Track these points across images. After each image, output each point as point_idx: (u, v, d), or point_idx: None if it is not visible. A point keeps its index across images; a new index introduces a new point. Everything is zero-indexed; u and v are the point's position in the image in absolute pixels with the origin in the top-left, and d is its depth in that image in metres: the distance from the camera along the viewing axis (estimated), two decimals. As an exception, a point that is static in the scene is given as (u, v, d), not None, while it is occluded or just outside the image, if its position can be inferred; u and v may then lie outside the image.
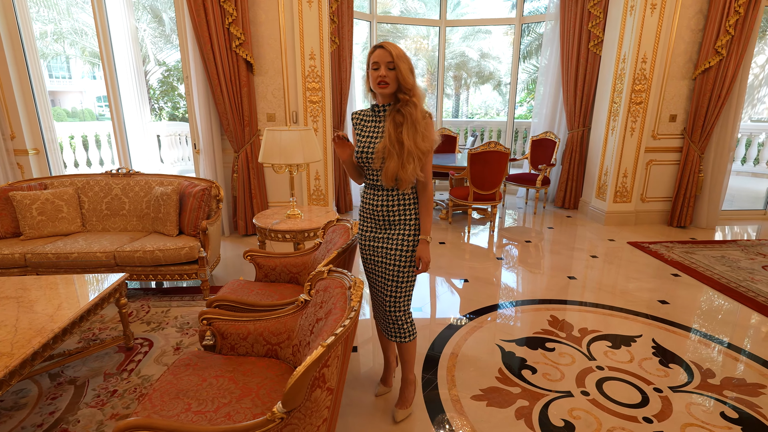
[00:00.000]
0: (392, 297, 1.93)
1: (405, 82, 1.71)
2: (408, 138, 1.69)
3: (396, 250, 1.87)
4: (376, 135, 1.82)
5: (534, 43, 11.82)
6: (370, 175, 1.87)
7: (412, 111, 1.71)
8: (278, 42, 4.42)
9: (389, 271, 1.90)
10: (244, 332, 1.82)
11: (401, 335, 1.98)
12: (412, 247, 1.87)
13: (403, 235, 1.86)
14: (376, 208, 1.88)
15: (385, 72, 1.70)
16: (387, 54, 1.69)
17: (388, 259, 1.89)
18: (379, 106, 1.83)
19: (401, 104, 1.74)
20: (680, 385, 2.29)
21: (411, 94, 1.72)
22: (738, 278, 3.64)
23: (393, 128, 1.73)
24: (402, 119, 1.72)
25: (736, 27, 4.42)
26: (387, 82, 1.71)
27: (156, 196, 3.37)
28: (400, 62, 1.69)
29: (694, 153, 4.90)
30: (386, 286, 1.93)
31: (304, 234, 3.08)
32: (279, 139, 2.98)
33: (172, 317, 2.96)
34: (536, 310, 3.13)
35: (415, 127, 1.71)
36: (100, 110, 20.19)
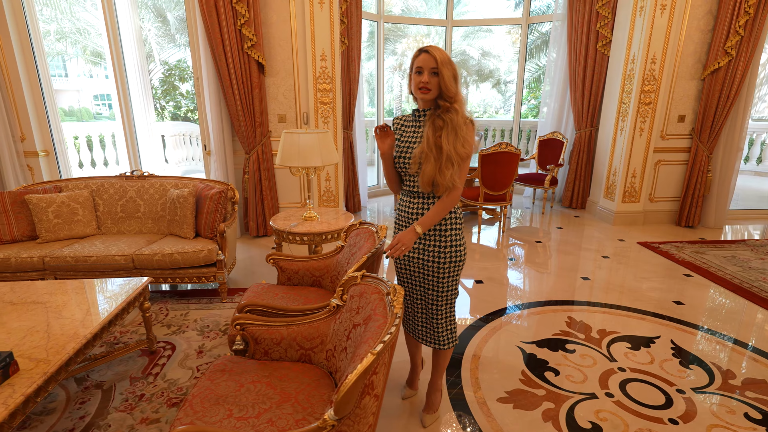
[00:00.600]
0: (434, 304, 1.91)
1: (447, 90, 1.68)
2: (447, 142, 1.66)
3: (433, 262, 1.84)
4: (415, 140, 1.80)
5: (536, 42, 11.83)
6: (408, 181, 1.85)
7: (453, 117, 1.68)
8: (289, 43, 4.42)
9: (428, 281, 1.88)
10: (277, 337, 1.83)
11: (440, 342, 1.96)
12: (449, 260, 1.84)
13: (438, 247, 1.83)
14: (412, 216, 1.86)
15: (427, 78, 1.68)
16: (431, 59, 1.66)
17: (425, 269, 1.87)
18: (420, 111, 1.82)
19: (442, 110, 1.71)
20: (702, 387, 2.32)
21: (452, 101, 1.69)
22: (750, 278, 3.67)
23: (432, 132, 1.70)
24: (442, 124, 1.69)
25: (746, 28, 4.44)
26: (429, 88, 1.69)
27: (172, 199, 3.37)
28: (444, 68, 1.66)
29: (702, 153, 4.93)
30: (426, 294, 1.91)
31: (322, 237, 3.09)
32: (297, 141, 2.98)
33: (191, 320, 2.96)
34: (553, 311, 3.15)
35: (456, 132, 1.68)
36: (97, 109, 20.10)
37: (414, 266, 1.90)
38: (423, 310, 1.97)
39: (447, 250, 1.83)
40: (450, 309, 1.95)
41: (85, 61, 13.17)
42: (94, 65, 15.17)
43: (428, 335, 1.99)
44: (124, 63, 4.56)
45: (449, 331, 1.97)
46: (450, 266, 1.85)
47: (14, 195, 3.29)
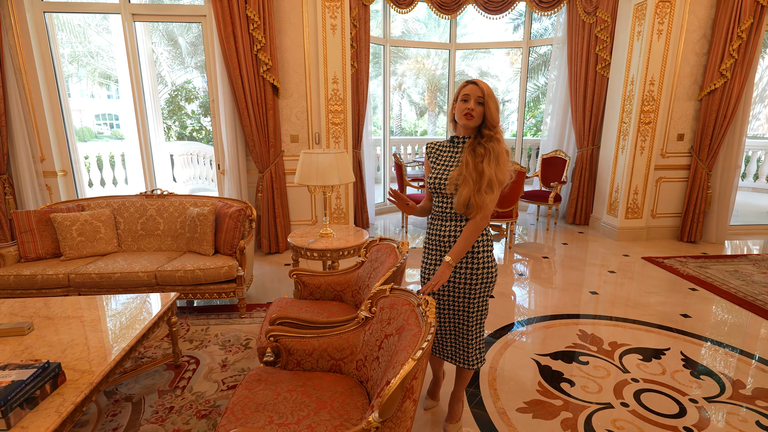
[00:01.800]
0: (465, 325, 1.97)
1: (491, 119, 1.81)
2: (489, 168, 1.77)
3: (465, 284, 1.90)
4: (452, 164, 1.90)
5: (535, 63, 12.17)
6: (440, 203, 1.93)
7: (496, 146, 1.80)
8: (303, 67, 4.60)
9: (460, 302, 1.94)
10: (309, 348, 1.91)
11: (469, 362, 2.02)
12: (481, 281, 1.90)
13: (471, 269, 1.89)
14: (443, 239, 1.93)
15: (473, 106, 1.80)
16: (478, 90, 1.80)
17: (457, 291, 1.92)
18: (459, 138, 1.93)
19: (485, 139, 1.82)
20: (714, 396, 2.39)
21: (495, 131, 1.82)
22: (754, 292, 3.77)
23: (471, 158, 1.81)
24: (484, 152, 1.80)
25: (739, 51, 4.65)
26: (473, 115, 1.81)
27: (192, 217, 3.48)
28: (490, 100, 1.79)
29: (701, 170, 5.08)
30: (457, 315, 1.97)
31: (339, 253, 3.19)
32: (316, 161, 3.11)
33: (212, 335, 3.03)
34: (564, 324, 3.23)
35: (498, 160, 1.79)
36: (98, 128, 20.35)
37: (445, 288, 1.95)
38: (452, 331, 2.02)
39: (479, 272, 1.90)
40: (480, 329, 2.01)
41: (92, 83, 13.47)
42: (100, 86, 15.48)
43: (458, 355, 2.04)
44: (142, 85, 4.73)
45: (478, 351, 2.03)
46: (482, 287, 1.91)
47: (39, 214, 3.40)
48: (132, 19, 4.43)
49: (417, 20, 15.79)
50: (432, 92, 17.96)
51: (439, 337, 2.07)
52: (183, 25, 10.86)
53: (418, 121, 19.31)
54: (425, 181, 2.03)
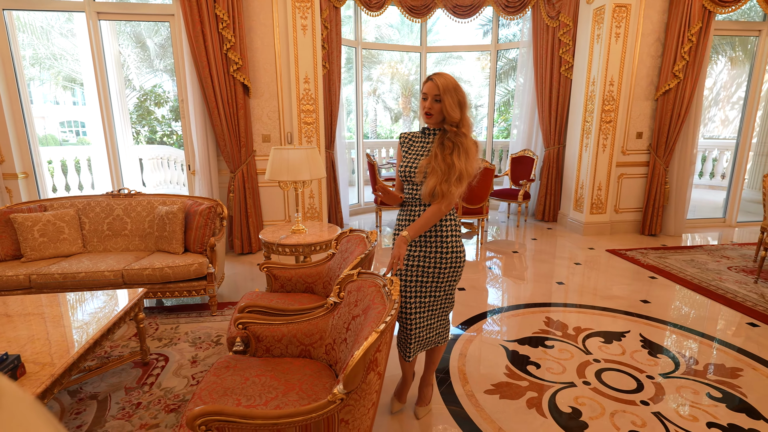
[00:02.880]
0: (440, 307, 2.02)
1: (449, 116, 1.80)
2: (460, 161, 1.79)
3: (434, 267, 1.93)
4: (422, 153, 1.93)
5: (504, 68, 12.50)
6: (410, 190, 1.96)
7: (463, 141, 1.82)
8: (274, 66, 4.61)
9: (426, 288, 1.96)
10: (278, 335, 1.92)
11: (439, 338, 2.08)
12: (449, 264, 1.93)
13: (440, 252, 1.92)
14: (413, 221, 1.95)
15: (430, 104, 1.82)
16: (434, 86, 1.80)
17: (425, 275, 1.95)
18: (430, 129, 1.96)
19: (451, 134, 1.83)
20: (669, 372, 2.52)
21: (459, 126, 1.82)
22: (708, 278, 3.99)
23: (440, 150, 1.82)
24: (452, 146, 1.81)
25: (690, 53, 4.93)
26: (431, 113, 1.83)
27: (160, 216, 3.43)
28: (446, 96, 1.78)
29: (659, 167, 5.35)
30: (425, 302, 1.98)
31: (311, 247, 3.21)
32: (286, 157, 3.13)
33: (182, 333, 2.99)
34: (532, 312, 3.34)
35: (468, 153, 1.81)
36: (63, 136, 19.62)
37: (414, 273, 1.96)
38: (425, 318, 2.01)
39: (448, 256, 1.93)
40: (445, 313, 2.08)
41: (56, 86, 13.02)
42: (65, 90, 14.97)
43: (430, 337, 2.05)
44: (108, 87, 4.63)
45: (445, 329, 2.10)
46: (450, 271, 1.95)
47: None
48: (97, 18, 4.36)
49: (390, 26, 16.00)
50: (406, 97, 18.18)
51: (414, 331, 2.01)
52: (151, 26, 10.66)
53: (394, 126, 19.49)
54: (396, 170, 2.05)
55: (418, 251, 1.96)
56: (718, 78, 12.98)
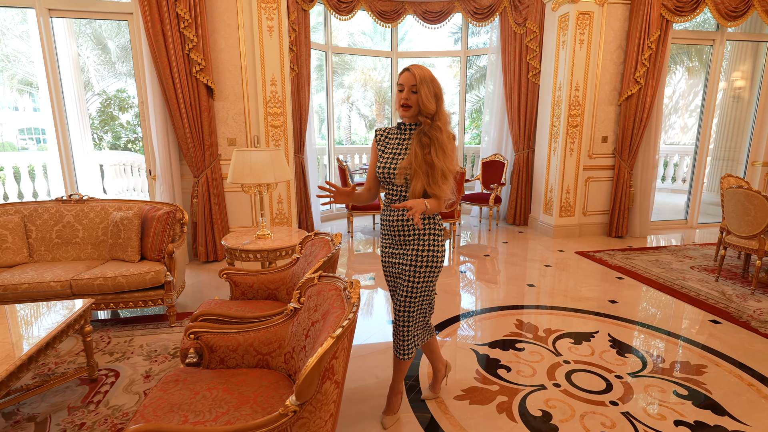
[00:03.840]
0: (405, 312, 1.92)
1: (425, 108, 1.75)
2: (438, 159, 1.74)
3: (410, 265, 1.87)
4: (400, 151, 1.86)
5: (476, 75, 12.70)
6: (391, 191, 1.89)
7: (438, 135, 1.76)
8: (239, 68, 4.48)
9: (403, 287, 1.90)
10: (233, 344, 1.80)
11: (401, 351, 1.96)
12: (425, 264, 1.86)
13: (417, 251, 1.87)
14: (393, 223, 1.90)
15: (407, 95, 1.76)
16: (411, 77, 1.75)
17: (403, 275, 1.90)
18: (406, 125, 1.89)
19: (426, 127, 1.78)
20: (637, 371, 2.52)
21: (435, 119, 1.77)
22: (672, 278, 4.07)
23: (420, 149, 1.76)
24: (428, 141, 1.77)
25: (650, 60, 5.09)
26: (409, 105, 1.77)
27: (115, 222, 3.24)
28: (423, 86, 1.73)
29: (624, 170, 5.48)
30: (400, 301, 1.92)
31: (276, 253, 3.09)
32: (249, 159, 3.01)
33: (137, 346, 2.80)
34: (502, 315, 3.31)
35: (444, 150, 1.76)
36: (23, 143, 18.68)
37: (394, 272, 1.95)
38: (402, 318, 1.93)
39: (425, 254, 1.87)
40: (419, 320, 1.97)
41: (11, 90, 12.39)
42: (21, 94, 14.27)
43: (396, 342, 1.98)
44: (62, 90, 4.39)
45: (411, 343, 1.97)
46: (426, 271, 1.88)
47: (-69, 222, 3.02)
48: (48, 15, 4.13)
49: (363, 33, 16.05)
50: (380, 104, 18.21)
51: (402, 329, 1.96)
52: (113, 27, 10.28)
53: (368, 134, 19.47)
54: (370, 168, 1.97)
55: (399, 249, 1.92)
56: (677, 87, 13.58)
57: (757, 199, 3.53)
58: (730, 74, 6.77)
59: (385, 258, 1.99)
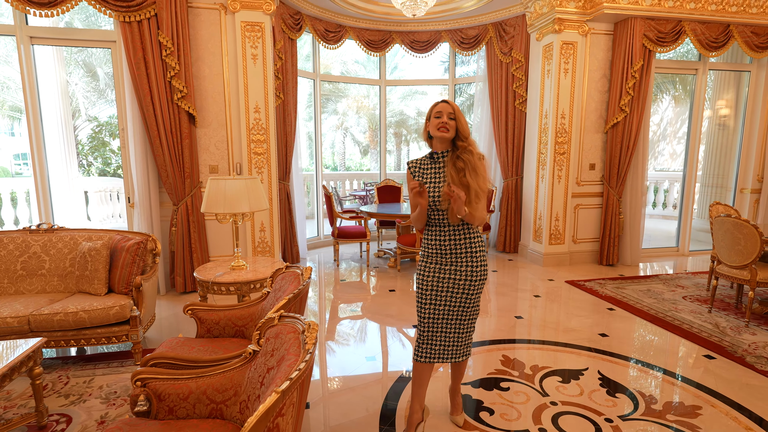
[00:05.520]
0: (468, 320, 2.11)
1: (464, 130, 2.00)
2: (473, 181, 1.94)
3: (466, 279, 2.04)
4: (438, 179, 2.04)
5: (466, 103, 12.84)
6: (436, 215, 2.05)
7: (470, 157, 1.97)
8: (222, 95, 4.45)
9: (459, 299, 2.06)
10: (184, 392, 1.65)
11: (466, 352, 2.18)
12: (479, 276, 2.05)
13: (471, 266, 2.04)
14: (444, 243, 2.05)
15: (446, 120, 1.99)
16: (449, 106, 2.02)
17: (457, 288, 2.05)
18: (438, 153, 2.07)
19: (460, 151, 2.00)
20: (628, 414, 2.37)
21: (468, 142, 2.00)
22: (664, 309, 3.95)
23: (455, 173, 1.97)
24: (463, 165, 1.97)
25: (634, 88, 5.13)
26: (448, 128, 1.99)
27: (83, 253, 3.10)
28: (460, 115, 2.01)
29: (613, 197, 5.43)
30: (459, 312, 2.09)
31: (249, 285, 2.95)
32: (223, 188, 2.91)
33: (96, 387, 2.62)
34: (488, 350, 3.16)
35: (476, 171, 1.95)
36: (17, 168, 18.59)
37: (445, 287, 2.06)
38: (456, 328, 2.11)
39: (478, 269, 2.05)
40: (474, 323, 2.18)
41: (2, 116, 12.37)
42: (13, 120, 14.26)
43: (460, 349, 2.15)
44: (40, 117, 4.30)
45: (470, 344, 2.22)
46: (479, 283, 2.07)
47: None
48: (30, 42, 4.10)
49: (356, 62, 16.32)
50: (373, 131, 18.35)
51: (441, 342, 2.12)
52: (103, 55, 10.38)
53: (363, 159, 19.56)
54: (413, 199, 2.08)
55: (449, 266, 2.05)
56: (664, 114, 13.81)
57: (746, 228, 3.46)
58: (715, 102, 6.84)
59: (433, 274, 2.08)
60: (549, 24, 5.10)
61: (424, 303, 2.10)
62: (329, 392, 2.67)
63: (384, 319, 3.83)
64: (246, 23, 4.34)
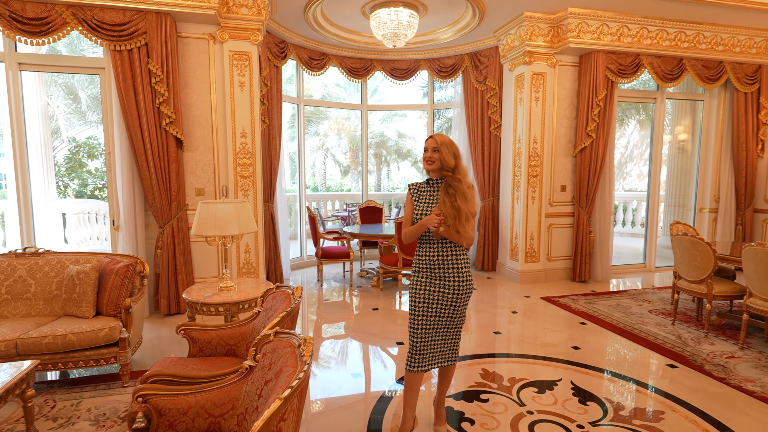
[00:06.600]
0: (459, 326, 2.36)
1: (445, 163, 2.25)
2: (463, 204, 2.20)
3: (454, 293, 2.27)
4: (432, 201, 2.33)
5: (444, 126, 13.28)
6: (427, 232, 2.31)
7: (458, 186, 2.24)
8: (209, 121, 4.58)
9: (453, 309, 2.29)
10: (184, 406, 1.74)
11: (456, 355, 2.42)
12: (466, 289, 2.30)
13: (458, 281, 2.28)
14: (433, 259, 2.30)
15: (431, 154, 2.28)
16: (434, 142, 2.28)
17: (446, 300, 2.28)
18: (433, 180, 2.38)
19: (451, 179, 2.26)
20: (597, 420, 2.55)
21: (454, 172, 2.26)
22: (632, 322, 4.19)
23: (447, 198, 2.24)
24: (453, 192, 2.24)
25: (599, 116, 5.51)
26: (432, 161, 2.28)
27: (71, 276, 3.13)
28: (443, 148, 2.25)
29: (583, 217, 5.74)
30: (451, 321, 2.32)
31: (238, 306, 3.04)
32: (214, 211, 3.03)
33: (84, 409, 2.64)
34: (469, 365, 3.31)
35: (465, 197, 2.22)
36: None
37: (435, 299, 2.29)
38: (445, 336, 2.34)
39: (465, 283, 2.31)
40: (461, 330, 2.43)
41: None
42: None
43: (449, 354, 2.39)
44: (25, 141, 4.34)
45: (458, 350, 2.45)
46: (466, 295, 2.33)
47: None
48: (18, 69, 4.17)
49: (338, 85, 16.68)
50: (354, 152, 18.63)
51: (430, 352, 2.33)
52: (86, 78, 10.38)
53: (344, 179, 19.74)
54: (409, 215, 2.41)
55: (437, 280, 2.28)
56: (630, 138, 14.57)
57: (701, 246, 3.76)
58: (674, 128, 7.35)
59: (424, 287, 2.32)
60: (520, 56, 5.47)
61: (416, 315, 2.31)
62: (311, 413, 2.76)
63: (368, 338, 3.94)
64: (234, 52, 4.52)
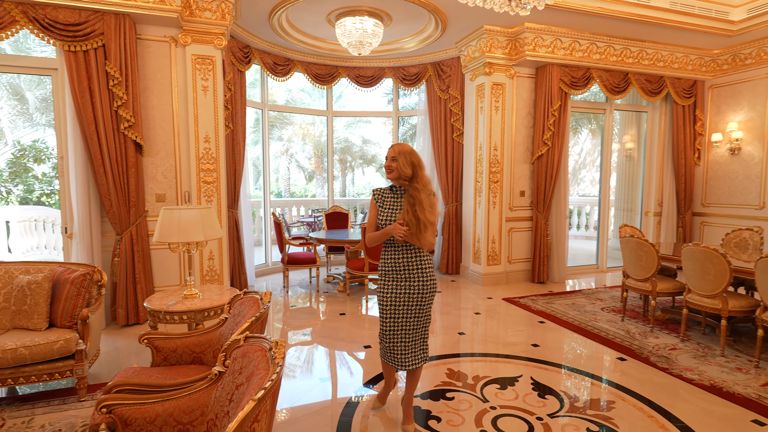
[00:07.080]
0: (423, 328, 2.47)
1: (402, 172, 2.38)
2: (422, 214, 2.32)
3: (419, 293, 2.40)
4: (396, 207, 2.46)
5: (409, 132, 13.51)
6: (391, 238, 2.42)
7: (417, 194, 2.36)
8: (171, 125, 4.48)
9: (414, 310, 2.41)
10: (151, 415, 1.72)
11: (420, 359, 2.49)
12: (430, 289, 2.43)
13: (422, 281, 2.41)
14: (398, 261, 2.42)
15: (389, 163, 2.42)
16: (392, 150, 2.42)
17: (412, 301, 2.41)
18: (397, 187, 2.50)
19: (408, 188, 2.40)
20: (555, 412, 2.70)
21: (413, 182, 2.39)
22: (586, 320, 4.45)
23: (409, 207, 2.36)
24: (413, 201, 2.35)
25: (554, 125, 5.82)
26: (391, 169, 2.41)
27: (20, 287, 2.97)
28: (400, 157, 2.37)
29: (541, 221, 6.03)
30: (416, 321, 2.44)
31: (203, 314, 3.00)
32: (178, 217, 2.97)
33: (37, 426, 2.52)
34: (435, 365, 3.40)
35: (423, 206, 2.33)
36: None
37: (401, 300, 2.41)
38: (412, 337, 2.45)
39: (428, 284, 2.44)
40: (427, 332, 2.53)
41: None
42: None
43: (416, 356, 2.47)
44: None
45: (425, 351, 2.53)
46: (431, 295, 2.45)
47: None
48: (-41, 67, 3.92)
49: (302, 90, 16.59)
50: (318, 157, 18.55)
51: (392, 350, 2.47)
52: (33, 79, 9.81)
53: (308, 185, 19.59)
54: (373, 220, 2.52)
55: (403, 282, 2.41)
56: (584, 145, 15.36)
57: (646, 247, 4.06)
58: (622, 137, 7.86)
59: (391, 290, 2.45)
60: (480, 67, 5.70)
61: (385, 317, 2.45)
62: (280, 420, 2.76)
63: (335, 343, 3.96)
64: (197, 56, 4.45)
